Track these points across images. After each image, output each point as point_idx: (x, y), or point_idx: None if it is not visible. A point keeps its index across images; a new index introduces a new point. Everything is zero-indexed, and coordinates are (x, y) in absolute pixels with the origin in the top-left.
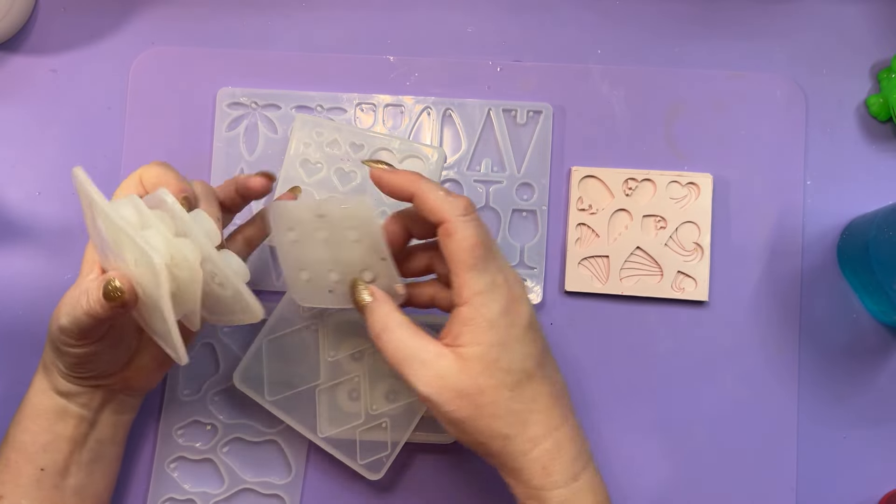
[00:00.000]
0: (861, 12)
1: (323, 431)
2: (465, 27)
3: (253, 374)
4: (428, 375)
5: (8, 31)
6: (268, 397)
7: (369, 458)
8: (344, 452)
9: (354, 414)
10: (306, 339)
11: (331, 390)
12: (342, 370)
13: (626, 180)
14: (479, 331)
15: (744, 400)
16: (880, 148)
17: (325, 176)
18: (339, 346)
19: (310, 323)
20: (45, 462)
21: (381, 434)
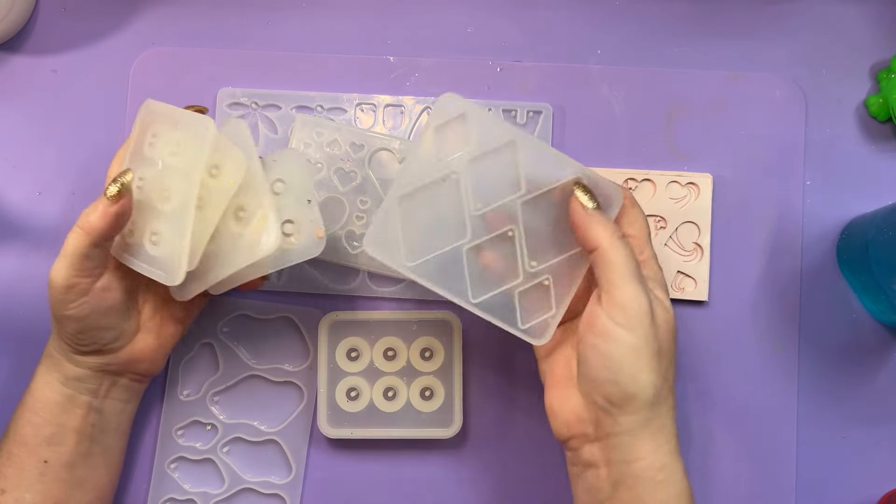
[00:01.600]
0: (861, 12)
1: (476, 296)
2: (465, 27)
3: (386, 238)
4: (638, 288)
5: (8, 31)
6: (406, 262)
7: (532, 321)
8: (501, 317)
9: (510, 273)
10: (446, 192)
11: (480, 248)
12: (491, 224)
13: (626, 180)
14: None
15: (744, 400)
16: (880, 148)
17: (325, 176)
18: (486, 197)
19: (447, 173)
20: (48, 454)
21: (542, 293)
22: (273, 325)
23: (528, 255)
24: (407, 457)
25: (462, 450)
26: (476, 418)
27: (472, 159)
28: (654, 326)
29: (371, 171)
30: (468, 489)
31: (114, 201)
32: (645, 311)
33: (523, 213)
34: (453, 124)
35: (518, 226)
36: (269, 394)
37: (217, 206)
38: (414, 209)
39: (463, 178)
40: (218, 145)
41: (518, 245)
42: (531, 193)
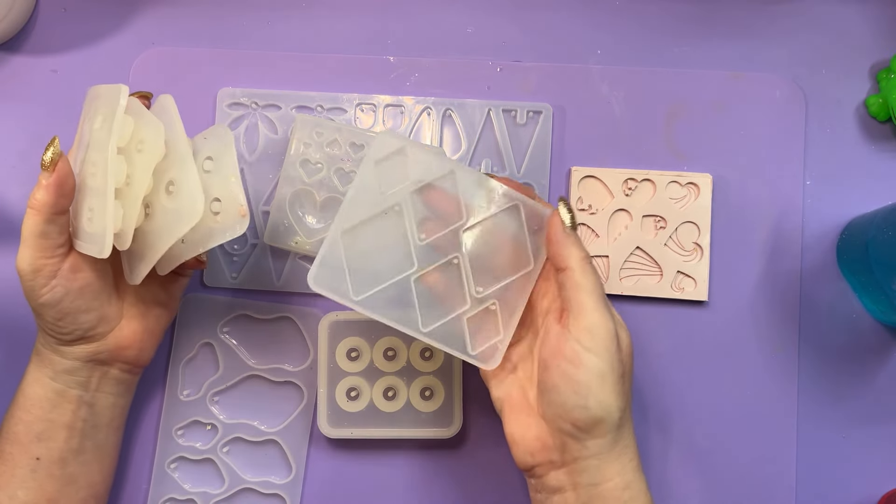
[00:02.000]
0: (861, 12)
1: (426, 325)
2: (465, 27)
3: (331, 274)
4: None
5: (8, 31)
6: (353, 297)
7: (482, 347)
8: (452, 345)
9: (458, 299)
10: (389, 224)
11: (427, 276)
12: (437, 252)
13: (626, 180)
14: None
15: (744, 400)
16: (880, 148)
17: (325, 176)
18: (430, 227)
19: (390, 205)
20: (40, 451)
21: (489, 318)
22: (273, 325)
23: (473, 282)
24: (407, 457)
25: (462, 450)
26: (476, 418)
27: (414, 191)
28: (619, 350)
29: None
30: (468, 489)
31: (50, 171)
32: (612, 335)
33: (466, 240)
34: (393, 159)
35: (462, 253)
36: (269, 394)
37: (142, 179)
38: (358, 242)
39: (406, 209)
40: (141, 118)
41: (463, 272)
42: (472, 221)
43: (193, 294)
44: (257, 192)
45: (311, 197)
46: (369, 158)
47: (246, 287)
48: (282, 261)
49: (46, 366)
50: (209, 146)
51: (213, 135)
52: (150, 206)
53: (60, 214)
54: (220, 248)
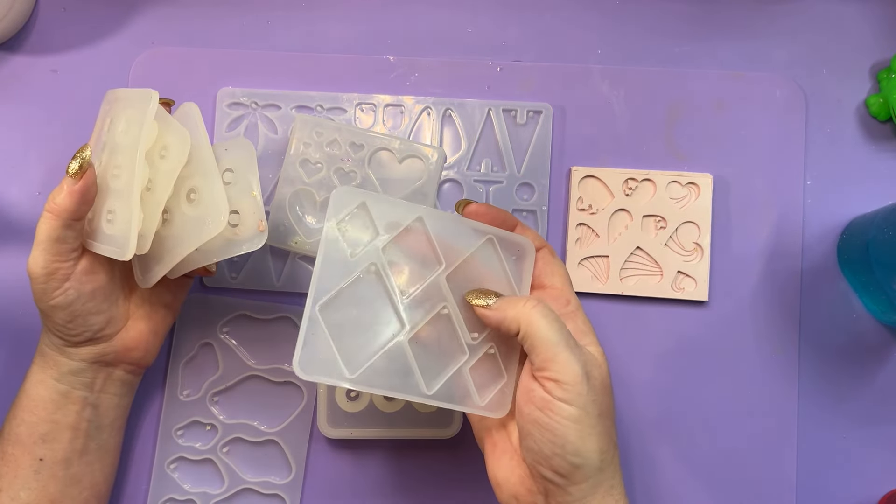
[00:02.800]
0: (861, 12)
1: (430, 387)
2: (465, 27)
3: (317, 355)
4: (582, 359)
5: (8, 31)
6: (348, 375)
7: (489, 395)
8: (460, 401)
9: (455, 350)
10: (368, 287)
11: (420, 335)
12: (423, 305)
13: (626, 180)
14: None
15: (744, 400)
16: (880, 148)
17: (325, 176)
18: (410, 281)
19: (365, 267)
20: (43, 452)
21: (491, 363)
22: (273, 325)
23: (467, 329)
24: (407, 457)
25: (462, 450)
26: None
27: (385, 246)
28: (591, 391)
29: (371, 171)
30: (468, 489)
31: (77, 178)
32: (580, 378)
33: (450, 286)
34: (355, 216)
35: (449, 301)
36: (269, 394)
37: (165, 185)
38: (339, 315)
39: (381, 265)
40: (167, 125)
41: (455, 321)
42: (452, 266)
43: (193, 294)
44: None
45: (311, 197)
46: (329, 220)
47: (246, 287)
48: (282, 261)
49: (51, 367)
50: (230, 158)
51: (235, 147)
52: (168, 211)
53: (79, 220)
54: None
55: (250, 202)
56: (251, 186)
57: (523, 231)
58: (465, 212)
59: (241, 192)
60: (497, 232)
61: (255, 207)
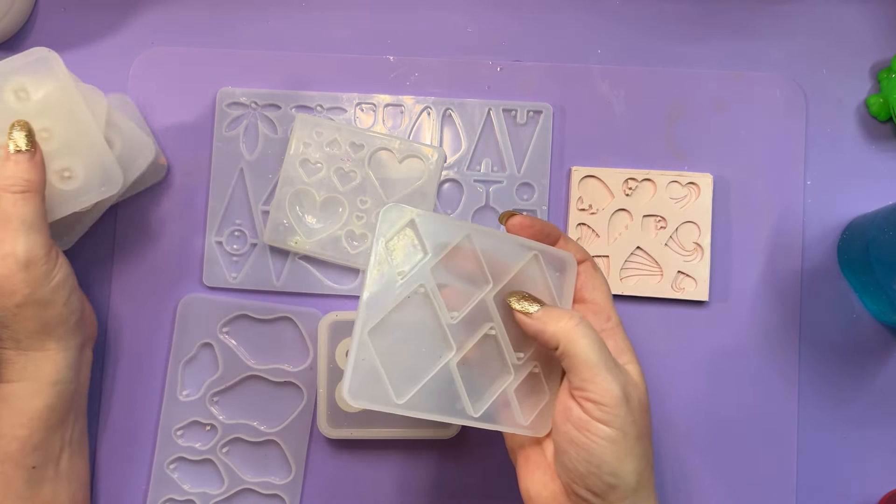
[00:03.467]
0: (861, 12)
1: (477, 409)
2: (465, 27)
3: (366, 381)
4: (621, 379)
5: (8, 30)
6: (397, 401)
7: (533, 414)
8: (505, 421)
9: (500, 371)
10: (416, 308)
11: (467, 357)
12: (473, 327)
13: (626, 180)
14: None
15: (744, 400)
16: (880, 148)
17: (325, 176)
18: (458, 301)
19: (414, 288)
20: (36, 460)
21: (534, 382)
22: (273, 325)
23: (512, 348)
24: (407, 457)
25: (462, 450)
26: None
27: (434, 266)
28: (630, 412)
29: (371, 170)
30: (468, 489)
31: (34, 150)
32: (619, 399)
33: (497, 306)
34: (403, 233)
35: (496, 321)
36: (269, 394)
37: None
38: (388, 338)
39: (430, 288)
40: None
41: (501, 341)
42: (499, 284)
43: (193, 294)
44: (257, 192)
45: (311, 197)
46: (379, 238)
47: (246, 287)
48: (282, 261)
49: (46, 373)
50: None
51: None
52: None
53: (44, 189)
54: (220, 247)
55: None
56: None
57: (566, 244)
58: (509, 224)
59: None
60: (540, 247)
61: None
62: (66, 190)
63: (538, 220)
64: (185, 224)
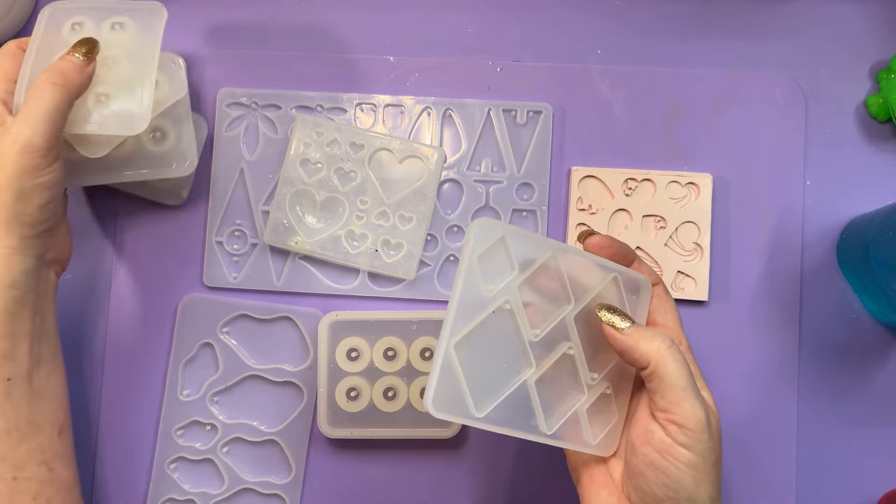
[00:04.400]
0: (861, 12)
1: (550, 427)
2: (465, 27)
3: (449, 393)
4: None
5: (8, 31)
6: (477, 414)
7: (601, 434)
8: (574, 440)
9: (574, 390)
10: (500, 324)
11: (546, 375)
12: (552, 345)
13: (626, 180)
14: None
15: (744, 400)
16: (880, 148)
17: (325, 176)
18: (540, 319)
19: (500, 304)
20: (9, 371)
21: (605, 402)
22: (273, 325)
23: (588, 369)
24: (407, 457)
25: (462, 450)
26: None
27: (521, 283)
28: (711, 438)
29: (371, 170)
30: (468, 489)
31: (89, 60)
32: (703, 425)
33: (576, 326)
34: (494, 249)
35: (574, 341)
36: (269, 394)
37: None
38: (471, 352)
39: (516, 304)
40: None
41: (578, 361)
42: (580, 304)
43: (193, 294)
44: (257, 192)
45: (311, 197)
46: (471, 253)
47: (246, 287)
48: (282, 261)
49: (6, 271)
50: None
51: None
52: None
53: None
54: (220, 247)
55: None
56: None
57: (640, 266)
58: (587, 244)
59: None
60: (619, 268)
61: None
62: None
63: (616, 241)
64: (185, 224)
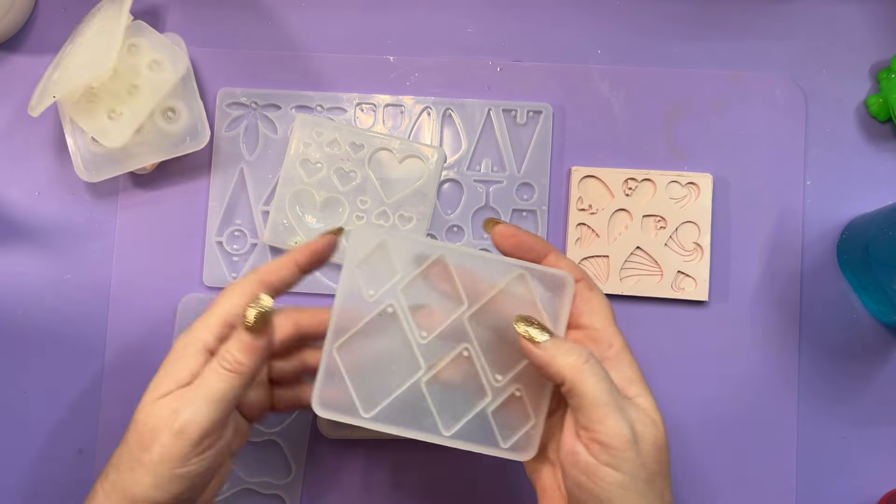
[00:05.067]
0: (861, 12)
1: (448, 428)
2: (465, 27)
3: (335, 393)
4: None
5: (8, 31)
6: (364, 415)
7: (514, 437)
8: (480, 442)
9: (477, 392)
10: (386, 327)
11: (438, 377)
12: (444, 345)
13: (626, 180)
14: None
15: (744, 400)
16: (880, 148)
17: (325, 176)
18: (430, 322)
19: (382, 308)
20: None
21: (516, 405)
22: None
23: (490, 370)
24: (407, 457)
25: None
26: None
27: (405, 286)
28: (640, 454)
29: (371, 170)
30: (468, 489)
31: (254, 333)
32: (628, 442)
33: (473, 327)
34: (375, 255)
35: (472, 343)
36: None
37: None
38: (357, 355)
39: (399, 308)
40: (159, 43)
41: (477, 363)
42: (475, 305)
43: (193, 294)
44: (257, 192)
45: (310, 197)
46: (350, 262)
47: None
48: None
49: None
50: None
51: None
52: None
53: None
54: (220, 247)
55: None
56: None
57: (557, 261)
58: (493, 233)
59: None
60: (530, 266)
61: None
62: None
63: (523, 231)
64: (185, 224)
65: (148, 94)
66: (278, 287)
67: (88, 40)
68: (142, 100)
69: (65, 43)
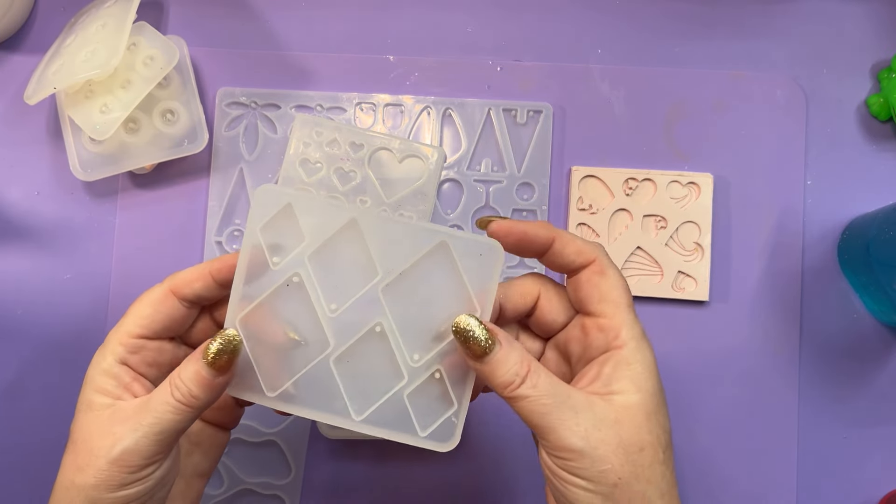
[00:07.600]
0: (861, 12)
1: (359, 412)
2: (465, 27)
3: (239, 372)
4: (582, 425)
5: (8, 30)
6: (269, 394)
7: (433, 425)
8: (396, 428)
9: (392, 374)
10: (292, 298)
11: (349, 354)
12: (356, 322)
13: (627, 180)
14: (642, 377)
15: (744, 400)
16: (880, 148)
17: (325, 176)
18: (342, 291)
19: (288, 277)
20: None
21: (436, 388)
22: None
23: (406, 349)
24: (406, 457)
25: (461, 450)
26: (475, 419)
27: (313, 253)
28: (594, 462)
29: (371, 170)
30: (467, 490)
31: (216, 370)
32: (577, 452)
33: (387, 301)
34: (280, 219)
35: (386, 317)
36: None
37: (141, 88)
38: (259, 329)
39: (307, 278)
40: (154, 38)
41: (392, 340)
42: (390, 276)
43: None
44: None
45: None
46: (253, 224)
47: None
48: None
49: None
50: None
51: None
52: (136, 122)
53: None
54: (220, 248)
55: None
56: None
57: (565, 244)
58: (488, 232)
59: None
60: (453, 234)
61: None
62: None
63: (517, 225)
64: (185, 224)
65: (138, 88)
66: (191, 298)
67: (91, 35)
68: (132, 93)
69: (61, 34)
